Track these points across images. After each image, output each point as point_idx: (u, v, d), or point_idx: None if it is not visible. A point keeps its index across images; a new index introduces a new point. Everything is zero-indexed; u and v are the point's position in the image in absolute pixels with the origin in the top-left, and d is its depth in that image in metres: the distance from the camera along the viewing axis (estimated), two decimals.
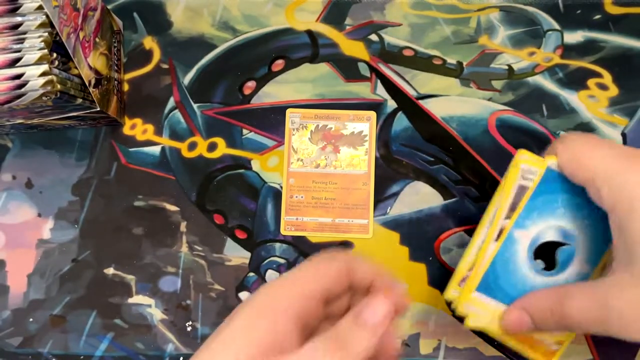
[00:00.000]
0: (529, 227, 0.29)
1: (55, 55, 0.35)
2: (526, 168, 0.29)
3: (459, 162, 0.44)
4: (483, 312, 0.30)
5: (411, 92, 0.45)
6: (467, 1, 0.47)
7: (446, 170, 0.43)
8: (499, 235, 0.29)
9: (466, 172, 0.43)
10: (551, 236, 0.29)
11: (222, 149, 0.45)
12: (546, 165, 0.29)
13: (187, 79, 0.46)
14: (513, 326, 0.28)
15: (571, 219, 0.29)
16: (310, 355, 0.19)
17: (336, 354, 0.20)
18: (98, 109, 0.40)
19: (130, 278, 0.43)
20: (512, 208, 0.29)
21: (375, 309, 0.21)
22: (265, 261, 0.43)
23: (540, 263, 0.30)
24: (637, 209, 0.23)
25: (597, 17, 0.46)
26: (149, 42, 0.47)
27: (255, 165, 0.44)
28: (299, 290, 0.21)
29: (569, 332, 0.29)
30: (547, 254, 0.29)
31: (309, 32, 0.46)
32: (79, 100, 0.37)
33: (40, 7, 0.34)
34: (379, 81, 0.45)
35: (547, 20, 0.46)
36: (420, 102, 0.45)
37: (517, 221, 0.29)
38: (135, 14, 0.47)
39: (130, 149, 0.45)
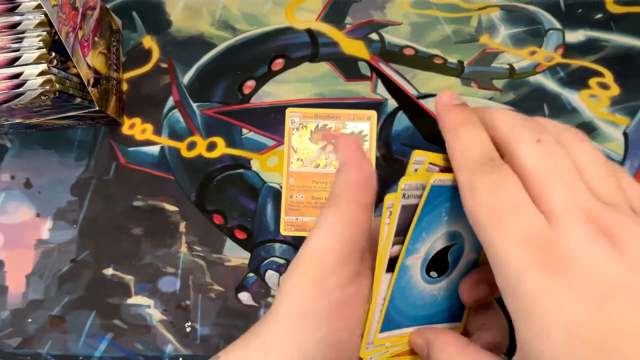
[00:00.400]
0: (419, 250, 0.27)
1: (54, 54, 0.35)
2: (406, 186, 0.25)
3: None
4: (388, 344, 0.28)
5: (412, 92, 0.45)
6: (468, 0, 0.47)
7: None
8: (389, 266, 0.26)
9: None
10: (440, 245, 0.27)
11: (222, 148, 0.44)
12: (430, 183, 0.25)
13: (186, 78, 0.46)
14: (415, 348, 0.28)
15: (456, 221, 0.27)
16: (319, 214, 0.25)
17: (327, 202, 0.25)
18: (97, 108, 0.39)
19: (130, 278, 0.43)
20: (398, 233, 0.26)
21: (337, 155, 0.26)
22: (265, 261, 0.43)
23: (433, 274, 0.28)
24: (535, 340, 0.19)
25: (599, 16, 0.46)
26: (148, 42, 0.46)
27: (255, 165, 0.44)
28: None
29: None
30: (440, 262, 0.28)
31: (309, 31, 0.46)
32: (78, 100, 0.37)
33: (38, 6, 0.34)
34: (379, 80, 0.45)
35: (548, 20, 0.46)
36: (421, 101, 0.45)
37: (407, 249, 0.26)
38: (134, 13, 0.47)
39: (129, 149, 0.45)
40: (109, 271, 0.43)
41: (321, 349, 0.24)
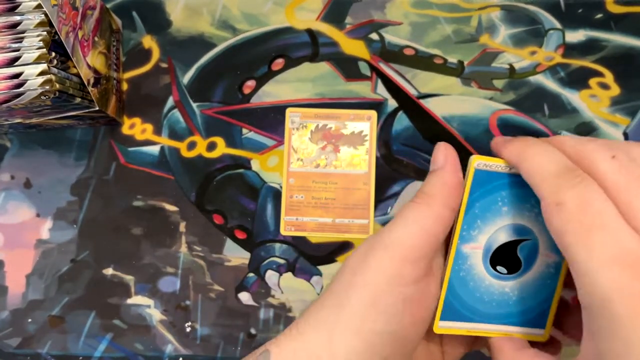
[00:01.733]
0: (477, 238, 0.27)
1: (54, 54, 0.35)
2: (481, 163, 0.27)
3: (460, 161, 0.43)
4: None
5: (412, 92, 0.45)
6: (468, 0, 0.47)
7: None
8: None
9: None
10: (504, 238, 0.27)
11: (222, 148, 0.44)
12: (473, 167, 0.26)
13: (186, 78, 0.46)
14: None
15: (519, 214, 0.27)
16: (403, 208, 0.26)
17: (416, 199, 0.26)
18: (97, 108, 0.39)
19: (129, 278, 0.43)
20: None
21: (434, 157, 0.27)
22: (265, 261, 0.43)
23: (502, 269, 0.28)
24: (614, 329, 0.20)
25: (599, 16, 0.46)
26: (148, 41, 0.46)
27: (255, 165, 0.44)
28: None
29: None
30: (507, 257, 0.27)
31: (309, 31, 0.46)
32: (78, 100, 0.37)
33: (39, 6, 0.34)
34: (379, 80, 0.45)
35: (549, 19, 0.46)
36: (421, 101, 0.45)
37: (460, 235, 0.27)
38: (134, 13, 0.47)
39: (129, 149, 0.45)
40: (109, 271, 0.43)
41: (389, 343, 0.24)
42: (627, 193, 0.20)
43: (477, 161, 0.26)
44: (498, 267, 0.27)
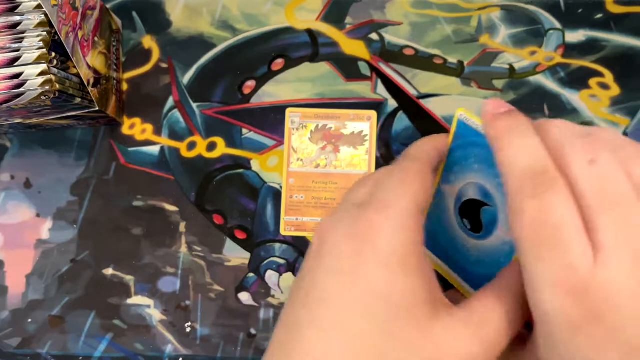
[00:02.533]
0: (453, 182, 0.27)
1: (54, 54, 0.35)
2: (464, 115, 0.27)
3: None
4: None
5: (412, 92, 0.45)
6: (468, 0, 0.47)
7: None
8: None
9: None
10: (472, 194, 0.27)
11: (222, 148, 0.44)
12: (456, 116, 0.26)
13: (186, 78, 0.46)
14: None
15: (486, 177, 0.26)
16: (395, 174, 0.24)
17: (405, 164, 0.25)
18: (97, 108, 0.39)
19: (129, 278, 0.43)
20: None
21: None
22: (265, 262, 0.43)
23: (467, 223, 0.27)
24: (559, 340, 0.20)
25: (599, 16, 0.46)
26: (148, 42, 0.46)
27: (255, 165, 0.44)
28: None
29: None
30: (472, 215, 0.27)
31: (309, 31, 0.46)
32: (78, 100, 0.37)
33: (39, 6, 0.34)
34: (379, 80, 0.45)
35: (549, 20, 0.46)
36: (421, 101, 0.45)
37: (443, 175, 0.28)
38: (134, 13, 0.47)
39: (129, 149, 0.45)
40: (109, 271, 0.43)
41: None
42: (593, 207, 0.19)
43: (460, 112, 0.26)
44: (464, 220, 0.28)
